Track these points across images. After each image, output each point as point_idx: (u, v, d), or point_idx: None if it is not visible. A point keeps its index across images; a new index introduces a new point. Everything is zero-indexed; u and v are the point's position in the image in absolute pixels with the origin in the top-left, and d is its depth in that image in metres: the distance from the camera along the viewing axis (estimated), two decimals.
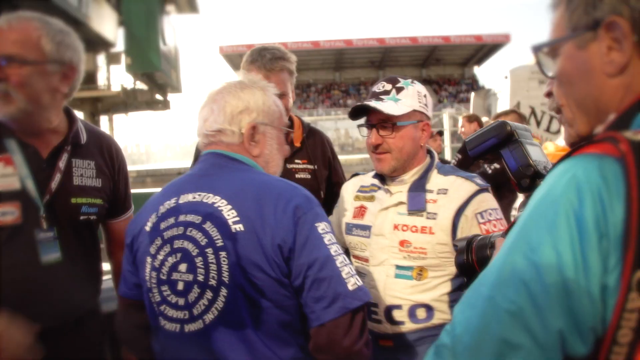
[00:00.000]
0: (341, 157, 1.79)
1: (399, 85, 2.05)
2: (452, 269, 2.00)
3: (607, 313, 0.72)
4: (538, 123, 8.90)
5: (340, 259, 1.46)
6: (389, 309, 2.01)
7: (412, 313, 2.00)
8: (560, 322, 0.73)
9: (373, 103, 2.02)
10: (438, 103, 46.33)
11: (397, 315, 2.01)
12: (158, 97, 20.04)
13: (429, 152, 2.17)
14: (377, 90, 2.08)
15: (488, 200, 2.00)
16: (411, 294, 1.99)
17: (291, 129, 1.83)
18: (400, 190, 2.08)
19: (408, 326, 2.01)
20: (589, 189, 0.75)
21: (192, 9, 21.68)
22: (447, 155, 12.91)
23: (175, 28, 20.53)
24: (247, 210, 1.48)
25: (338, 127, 40.18)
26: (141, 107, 19.91)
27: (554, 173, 0.82)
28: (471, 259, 1.33)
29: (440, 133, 7.08)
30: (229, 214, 1.48)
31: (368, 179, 2.26)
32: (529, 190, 1.18)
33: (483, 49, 49.75)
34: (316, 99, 50.94)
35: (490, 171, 4.49)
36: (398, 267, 2.01)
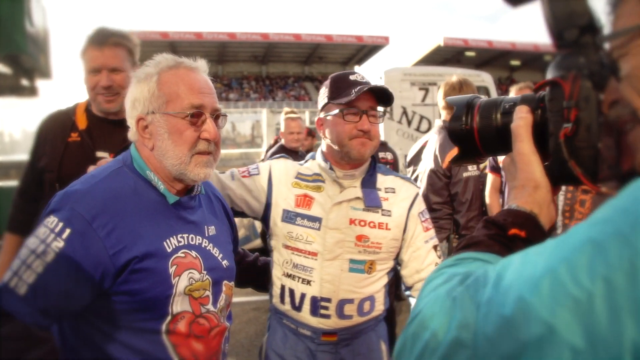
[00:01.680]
0: (222, 152, 1.66)
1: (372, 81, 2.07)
2: (392, 263, 2.16)
3: None
4: (409, 122, 9.39)
5: (25, 253, 1.37)
6: (341, 304, 2.03)
7: (360, 306, 2.06)
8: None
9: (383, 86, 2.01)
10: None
11: (348, 309, 2.04)
12: (24, 82, 18.54)
13: None
14: (363, 80, 2.04)
15: (423, 201, 2.20)
16: (363, 287, 2.06)
17: (199, 112, 1.56)
18: (353, 186, 2.09)
19: (355, 319, 2.06)
20: None
21: None
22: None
23: (45, 8, 19.08)
24: None
25: None
26: (4, 92, 18.26)
27: None
28: (471, 124, 1.04)
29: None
30: None
31: (306, 169, 2.18)
32: (569, 46, 0.86)
33: (364, 50, 51.24)
34: None
35: None
36: (352, 261, 2.04)
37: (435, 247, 2.16)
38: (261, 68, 53.14)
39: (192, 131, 1.55)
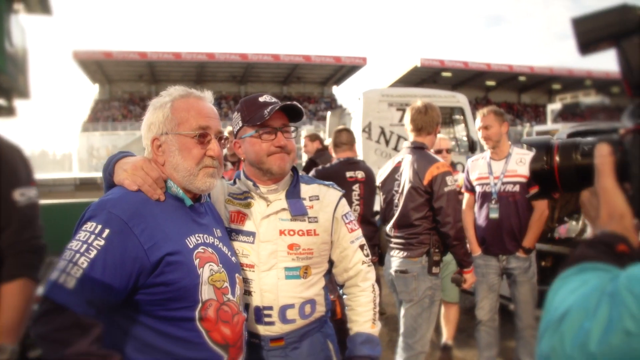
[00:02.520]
0: None
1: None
2: (327, 265, 2.31)
3: None
4: (387, 142, 9.61)
5: (69, 254, 1.56)
6: (283, 310, 2.14)
7: (302, 310, 2.18)
8: None
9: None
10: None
11: (290, 314, 2.15)
12: (2, 102, 18.30)
13: None
14: (272, 100, 2.20)
15: (346, 204, 2.36)
16: (301, 291, 2.17)
17: (205, 132, 1.82)
18: (278, 198, 2.21)
19: (298, 323, 2.18)
20: None
21: (44, 9, 20.09)
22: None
23: (24, 29, 18.97)
24: None
25: None
26: None
27: None
28: (552, 164, 1.13)
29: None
30: None
31: (236, 189, 2.31)
32: None
33: (342, 70, 51.80)
34: None
35: None
36: (287, 268, 2.16)
37: (361, 247, 2.34)
38: (240, 88, 53.26)
39: (199, 149, 1.82)
